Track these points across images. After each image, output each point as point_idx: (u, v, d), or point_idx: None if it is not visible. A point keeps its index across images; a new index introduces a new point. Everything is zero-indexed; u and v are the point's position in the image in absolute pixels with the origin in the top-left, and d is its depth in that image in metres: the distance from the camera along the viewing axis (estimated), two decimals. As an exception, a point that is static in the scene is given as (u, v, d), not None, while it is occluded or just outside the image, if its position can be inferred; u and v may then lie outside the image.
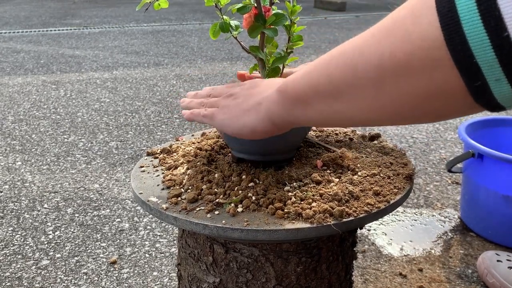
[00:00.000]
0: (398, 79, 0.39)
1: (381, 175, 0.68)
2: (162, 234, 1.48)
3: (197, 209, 0.61)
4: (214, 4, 0.68)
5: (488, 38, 0.32)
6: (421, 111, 0.41)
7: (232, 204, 0.61)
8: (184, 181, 0.67)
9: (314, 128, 0.84)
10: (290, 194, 0.62)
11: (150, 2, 0.68)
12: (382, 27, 0.41)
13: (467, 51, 0.34)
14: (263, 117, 0.56)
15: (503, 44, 0.32)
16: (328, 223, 0.57)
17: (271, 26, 0.68)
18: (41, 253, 1.39)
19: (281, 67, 0.71)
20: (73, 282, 1.27)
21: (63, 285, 1.26)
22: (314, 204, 0.60)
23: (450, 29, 0.34)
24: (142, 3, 0.68)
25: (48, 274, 1.30)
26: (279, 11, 0.69)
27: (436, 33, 0.35)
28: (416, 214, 1.60)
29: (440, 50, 0.35)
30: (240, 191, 0.63)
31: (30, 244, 1.43)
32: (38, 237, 1.47)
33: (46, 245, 1.43)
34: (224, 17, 0.69)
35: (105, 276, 1.29)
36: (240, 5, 0.67)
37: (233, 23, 0.70)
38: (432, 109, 0.40)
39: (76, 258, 1.37)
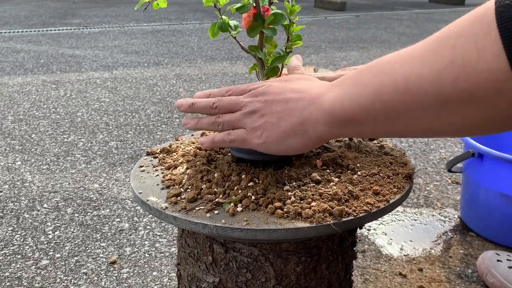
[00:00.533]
0: (460, 106, 0.40)
1: (381, 174, 0.68)
2: (161, 233, 1.48)
3: (197, 208, 0.61)
4: (213, 4, 0.68)
5: None
6: (479, 129, 0.43)
7: (232, 204, 0.61)
8: (183, 180, 0.67)
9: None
10: (289, 193, 0.62)
11: (149, 1, 0.68)
12: (439, 55, 0.41)
13: None
14: (310, 137, 0.56)
15: None
16: (328, 222, 0.57)
17: (270, 26, 0.68)
18: (40, 253, 1.39)
19: (280, 67, 0.71)
20: (72, 282, 1.27)
21: (63, 285, 1.26)
22: (313, 203, 0.60)
23: None
24: (140, 3, 0.68)
25: (47, 274, 1.30)
26: (278, 11, 0.69)
27: (503, 65, 0.36)
28: (416, 214, 1.60)
29: (507, 81, 0.36)
30: (239, 191, 0.63)
31: (30, 244, 1.43)
32: (38, 237, 1.47)
33: (46, 245, 1.43)
34: (223, 17, 0.69)
35: (104, 276, 1.29)
36: (239, 4, 0.67)
37: (232, 23, 0.70)
38: (493, 127, 0.42)
39: (75, 258, 1.37)
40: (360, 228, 0.97)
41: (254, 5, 0.67)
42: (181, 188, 0.66)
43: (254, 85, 0.64)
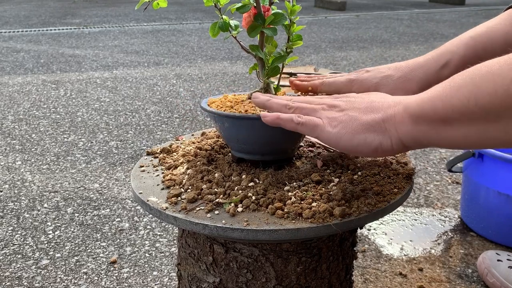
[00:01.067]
0: None
1: (381, 174, 0.68)
2: (162, 233, 1.48)
3: (197, 209, 0.61)
4: (213, 4, 0.68)
5: None
6: None
7: (232, 204, 0.61)
8: (184, 180, 0.67)
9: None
10: (290, 194, 0.62)
11: (149, 1, 0.68)
12: None
13: None
14: (390, 137, 0.53)
15: None
16: (328, 223, 0.56)
17: (270, 26, 0.68)
18: (41, 252, 1.39)
19: (280, 67, 0.71)
20: (73, 282, 1.27)
21: (63, 285, 1.26)
22: (314, 204, 0.60)
23: None
24: (141, 2, 0.68)
25: (48, 273, 1.30)
26: (279, 10, 0.69)
27: None
28: (416, 214, 1.60)
29: None
30: (240, 191, 0.63)
31: (30, 244, 1.43)
32: (38, 236, 1.47)
33: (46, 244, 1.43)
34: (224, 16, 0.69)
35: (105, 276, 1.29)
36: (239, 4, 0.67)
37: (233, 22, 0.70)
38: None
39: (76, 257, 1.37)
40: (361, 228, 0.97)
41: (255, 5, 0.67)
42: (182, 188, 0.66)
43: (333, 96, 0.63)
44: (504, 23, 0.76)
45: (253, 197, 0.62)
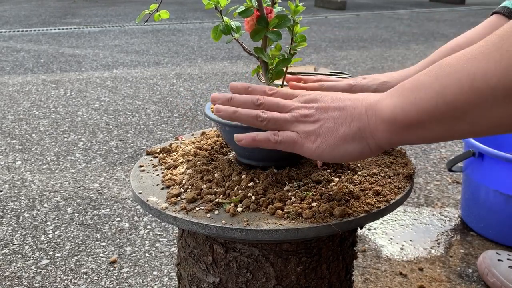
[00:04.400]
0: None
1: (382, 174, 0.67)
2: (162, 233, 1.48)
3: (197, 208, 0.61)
4: (214, 6, 0.67)
5: None
6: None
7: (232, 204, 0.61)
8: (183, 180, 0.67)
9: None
10: (290, 194, 0.62)
11: (150, 13, 0.68)
12: (505, 51, 0.41)
13: None
14: (369, 144, 0.55)
15: None
16: (328, 223, 0.56)
17: (274, 29, 0.67)
18: (41, 252, 1.39)
19: (284, 70, 0.71)
20: (73, 282, 1.27)
21: (63, 285, 1.26)
22: (314, 204, 0.59)
23: None
24: (141, 15, 0.67)
25: (48, 273, 1.30)
26: (282, 11, 0.68)
27: None
28: (417, 214, 1.60)
29: None
30: (240, 191, 0.63)
31: (30, 244, 1.43)
32: (38, 236, 1.47)
33: (46, 244, 1.43)
34: (225, 18, 0.68)
35: (105, 276, 1.29)
36: (241, 8, 0.66)
37: (234, 24, 0.69)
38: None
39: (76, 257, 1.37)
40: (361, 228, 0.97)
41: (257, 7, 0.66)
42: (181, 188, 0.66)
43: (302, 92, 0.62)
44: (484, 31, 0.81)
45: (253, 197, 0.62)
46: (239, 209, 0.60)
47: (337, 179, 0.66)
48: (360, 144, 0.55)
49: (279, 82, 0.74)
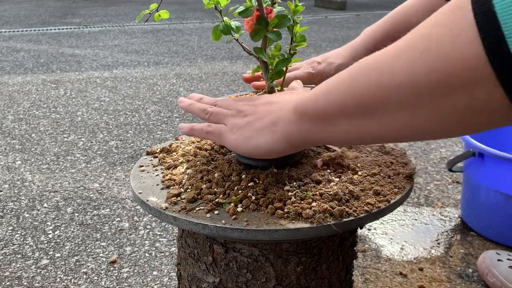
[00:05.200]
0: (435, 98, 0.38)
1: (382, 174, 0.67)
2: (162, 233, 1.48)
3: (197, 208, 0.61)
4: (214, 6, 0.67)
5: None
6: (459, 127, 0.40)
7: (232, 204, 0.61)
8: (183, 180, 0.67)
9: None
10: (290, 193, 0.62)
11: (150, 13, 0.68)
12: (414, 45, 0.39)
13: None
14: (279, 138, 0.54)
15: None
16: (328, 223, 0.56)
17: (274, 29, 0.67)
18: (40, 252, 1.39)
19: (284, 69, 0.71)
20: (72, 282, 1.27)
21: (63, 285, 1.26)
22: (314, 203, 0.59)
23: (494, 48, 0.33)
24: (141, 15, 0.67)
25: (47, 273, 1.30)
26: (282, 10, 0.68)
27: (478, 51, 0.34)
28: (417, 214, 1.60)
29: (482, 69, 0.34)
30: (239, 191, 0.63)
31: (30, 244, 1.43)
32: (38, 236, 1.47)
33: (46, 244, 1.43)
34: (225, 18, 0.68)
35: (105, 276, 1.29)
36: (241, 8, 0.66)
37: (234, 24, 0.69)
38: (471, 124, 0.39)
39: (76, 257, 1.37)
40: (361, 228, 0.97)
41: (257, 7, 0.66)
42: (181, 188, 0.66)
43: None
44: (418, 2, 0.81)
45: (253, 197, 0.62)
46: (239, 209, 0.60)
47: (337, 179, 0.66)
48: (271, 137, 0.55)
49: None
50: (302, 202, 0.60)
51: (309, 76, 0.82)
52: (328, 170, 0.68)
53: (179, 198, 0.63)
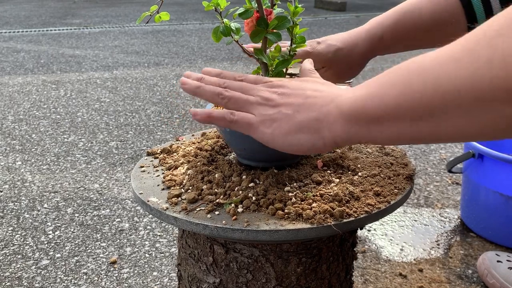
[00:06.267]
0: (497, 105, 0.39)
1: (382, 175, 0.68)
2: (162, 234, 1.48)
3: (197, 209, 0.61)
4: (213, 8, 0.67)
5: None
6: (510, 131, 0.41)
7: (232, 205, 0.61)
8: (184, 181, 0.67)
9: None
10: (290, 194, 0.62)
11: (150, 14, 0.68)
12: (476, 53, 0.40)
13: None
14: (323, 137, 0.52)
15: None
16: (329, 223, 0.56)
17: (274, 30, 0.67)
18: (41, 253, 1.39)
19: (284, 71, 0.71)
20: (73, 282, 1.27)
21: (63, 285, 1.26)
22: (314, 204, 0.60)
23: None
24: (142, 17, 0.67)
25: (48, 274, 1.30)
26: (281, 12, 0.68)
27: None
28: (416, 215, 1.60)
29: None
30: (240, 192, 0.63)
31: (30, 244, 1.43)
32: (38, 237, 1.47)
33: (46, 245, 1.43)
34: (225, 20, 0.68)
35: (105, 276, 1.29)
36: (241, 9, 0.66)
37: (234, 25, 0.69)
38: None
39: (76, 258, 1.37)
40: (361, 229, 0.97)
41: (257, 9, 0.66)
42: (182, 189, 0.66)
43: (269, 78, 0.60)
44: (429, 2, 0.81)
45: (254, 198, 0.62)
46: (240, 209, 0.60)
47: (338, 180, 0.66)
48: (314, 136, 0.53)
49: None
50: (302, 202, 0.60)
51: (305, 54, 0.81)
52: (329, 171, 0.69)
53: (179, 198, 0.64)
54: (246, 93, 0.57)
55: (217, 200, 0.62)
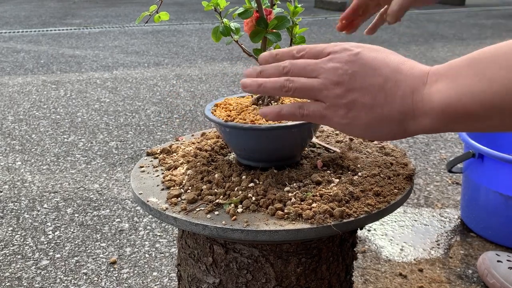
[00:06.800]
0: None
1: (382, 175, 0.68)
2: (162, 234, 1.48)
3: (197, 209, 0.61)
4: (213, 8, 0.67)
5: None
6: None
7: (232, 205, 0.61)
8: (184, 181, 0.67)
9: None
10: (290, 194, 0.62)
11: (150, 14, 0.68)
12: None
13: None
14: (406, 129, 0.50)
15: None
16: (328, 223, 0.56)
17: (274, 30, 0.67)
18: (40, 253, 1.39)
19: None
20: (72, 282, 1.27)
21: (63, 285, 1.26)
22: (314, 204, 0.59)
23: None
24: (141, 16, 0.67)
25: (47, 274, 1.30)
26: (281, 11, 0.68)
27: None
28: (416, 215, 1.60)
29: None
30: (240, 192, 0.63)
31: (30, 244, 1.43)
32: (38, 237, 1.47)
33: (46, 245, 1.43)
34: (224, 20, 0.68)
35: (105, 276, 1.29)
36: (241, 9, 0.66)
37: (234, 25, 0.69)
38: None
39: (76, 258, 1.37)
40: (361, 229, 0.97)
41: (257, 8, 0.66)
42: (182, 189, 0.66)
43: (334, 48, 0.53)
44: None
45: (253, 198, 0.62)
46: (239, 210, 0.60)
47: (337, 180, 0.66)
48: (398, 127, 0.50)
49: None
50: (302, 203, 0.60)
51: None
52: (328, 171, 0.69)
53: (179, 199, 0.64)
54: (310, 74, 0.53)
55: (216, 200, 0.62)
